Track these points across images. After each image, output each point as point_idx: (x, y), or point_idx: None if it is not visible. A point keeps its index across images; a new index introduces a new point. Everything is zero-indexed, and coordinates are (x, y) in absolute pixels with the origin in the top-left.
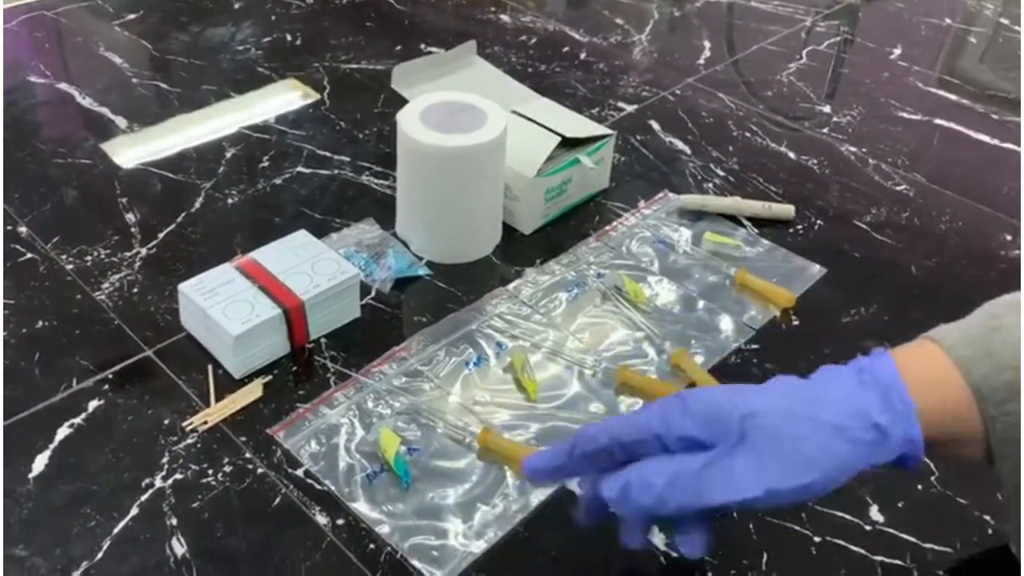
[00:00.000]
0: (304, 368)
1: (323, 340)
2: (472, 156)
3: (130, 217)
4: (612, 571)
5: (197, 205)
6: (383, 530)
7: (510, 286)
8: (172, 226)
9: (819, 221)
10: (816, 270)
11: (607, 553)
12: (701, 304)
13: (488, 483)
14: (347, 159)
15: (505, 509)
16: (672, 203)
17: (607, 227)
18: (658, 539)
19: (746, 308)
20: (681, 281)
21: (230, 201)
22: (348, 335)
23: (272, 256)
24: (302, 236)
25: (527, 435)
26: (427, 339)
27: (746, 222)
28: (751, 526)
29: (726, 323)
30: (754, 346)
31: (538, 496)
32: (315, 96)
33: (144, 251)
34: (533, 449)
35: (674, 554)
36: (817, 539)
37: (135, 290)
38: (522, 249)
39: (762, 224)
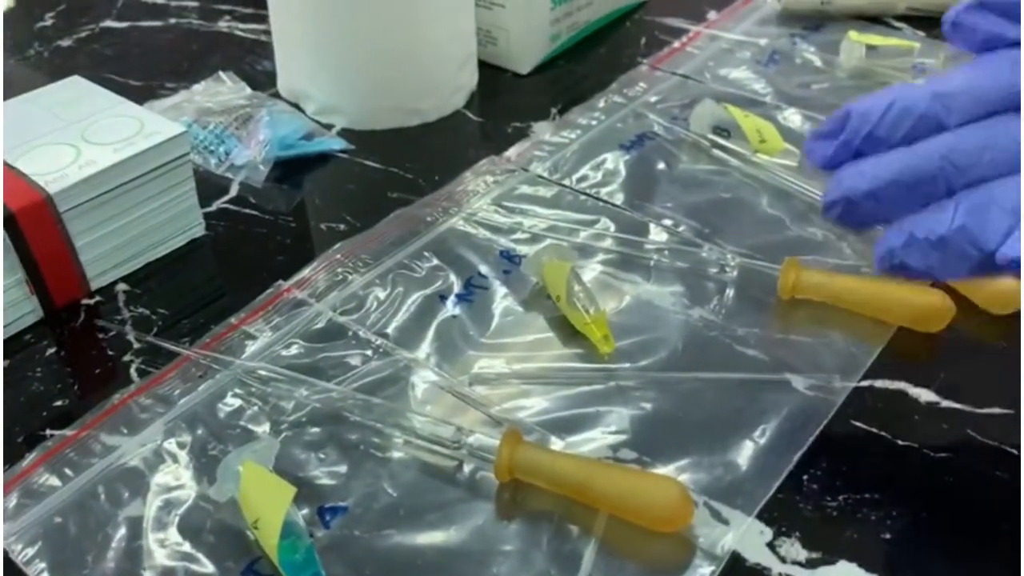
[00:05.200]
0: (74, 348)
1: (121, 288)
2: None
3: None
4: None
5: None
6: None
7: (509, 153)
8: None
9: None
10: None
11: None
12: None
13: (543, 566)
14: (193, 3)
15: None
16: (766, 5)
17: (666, 50)
18: None
19: None
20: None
21: None
22: (179, 273)
23: None
24: (71, 85)
25: (608, 438)
26: (352, 259)
27: (900, 23)
28: None
29: None
30: None
31: None
32: None
33: None
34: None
35: None
36: None
37: None
38: (518, 97)
39: (926, 23)
